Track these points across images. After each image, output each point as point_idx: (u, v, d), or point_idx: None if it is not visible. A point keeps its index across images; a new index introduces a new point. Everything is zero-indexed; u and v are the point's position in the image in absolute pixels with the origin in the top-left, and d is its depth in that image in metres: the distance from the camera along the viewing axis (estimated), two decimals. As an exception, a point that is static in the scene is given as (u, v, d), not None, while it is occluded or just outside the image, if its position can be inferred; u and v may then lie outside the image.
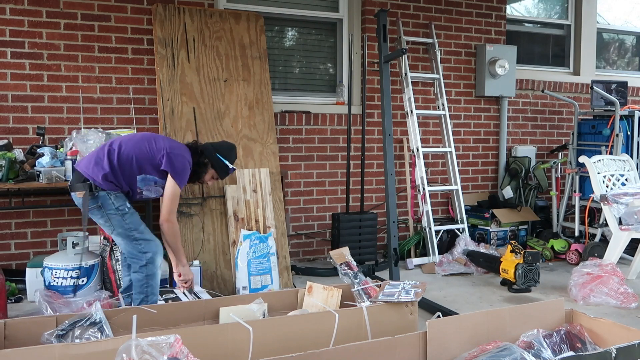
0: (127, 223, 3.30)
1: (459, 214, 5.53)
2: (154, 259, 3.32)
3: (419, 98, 5.64)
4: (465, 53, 5.89)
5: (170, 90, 4.46)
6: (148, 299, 3.29)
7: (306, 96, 5.45)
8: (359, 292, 3.05)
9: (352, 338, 2.61)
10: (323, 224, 5.40)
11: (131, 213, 3.33)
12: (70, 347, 2.23)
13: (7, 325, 2.57)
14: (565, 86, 6.40)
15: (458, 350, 2.48)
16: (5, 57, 4.32)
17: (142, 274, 3.30)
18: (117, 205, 3.28)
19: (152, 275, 3.31)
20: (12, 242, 4.41)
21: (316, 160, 5.35)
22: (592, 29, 6.64)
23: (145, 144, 3.36)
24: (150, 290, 3.31)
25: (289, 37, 5.52)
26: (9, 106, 4.35)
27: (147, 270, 3.30)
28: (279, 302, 3.17)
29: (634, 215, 4.58)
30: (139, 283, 3.30)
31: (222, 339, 2.47)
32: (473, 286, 4.53)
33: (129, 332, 2.43)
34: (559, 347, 2.57)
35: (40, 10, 4.39)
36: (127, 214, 3.31)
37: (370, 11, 5.36)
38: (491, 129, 6.07)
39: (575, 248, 5.22)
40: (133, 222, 3.32)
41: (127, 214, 3.31)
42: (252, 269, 4.13)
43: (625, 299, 3.96)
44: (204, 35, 4.65)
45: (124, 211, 3.29)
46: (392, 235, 4.20)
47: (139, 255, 3.30)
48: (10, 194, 4.17)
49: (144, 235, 3.33)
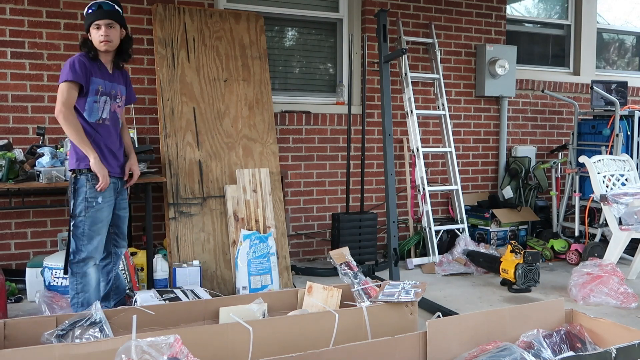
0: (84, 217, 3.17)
1: (459, 214, 5.53)
2: (86, 261, 3.19)
3: (419, 98, 5.64)
4: (465, 53, 5.89)
5: (170, 90, 4.45)
6: (79, 296, 3.19)
7: (306, 96, 5.45)
8: (359, 292, 3.05)
9: (352, 338, 2.61)
10: (323, 224, 5.41)
11: (97, 209, 3.19)
12: (70, 347, 2.24)
13: (7, 325, 2.58)
14: (565, 86, 6.40)
15: (458, 350, 2.49)
16: (5, 57, 4.32)
17: (74, 272, 3.21)
18: (88, 195, 3.17)
19: (84, 274, 3.20)
20: (12, 242, 4.41)
21: (316, 160, 5.35)
22: (592, 29, 6.64)
23: None
24: (80, 287, 3.20)
25: (289, 37, 5.52)
26: (9, 106, 4.35)
27: (76, 268, 3.18)
28: (279, 302, 3.17)
29: (634, 215, 4.58)
30: (71, 281, 3.21)
31: (222, 339, 2.47)
32: (473, 286, 4.53)
33: (129, 332, 2.43)
34: (559, 347, 2.57)
35: (40, 10, 4.39)
36: (91, 209, 3.18)
37: (370, 11, 5.36)
38: (491, 129, 6.07)
39: (575, 248, 5.22)
40: (91, 216, 3.17)
41: (90, 208, 3.18)
42: (252, 269, 4.13)
43: (625, 299, 3.96)
44: (204, 35, 4.65)
45: (89, 204, 3.18)
46: (392, 235, 4.20)
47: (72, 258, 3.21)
48: (10, 194, 4.17)
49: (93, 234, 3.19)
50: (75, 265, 3.20)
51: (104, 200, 3.23)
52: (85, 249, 3.20)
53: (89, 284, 3.23)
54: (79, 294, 3.21)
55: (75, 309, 3.20)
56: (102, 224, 3.24)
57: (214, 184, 4.42)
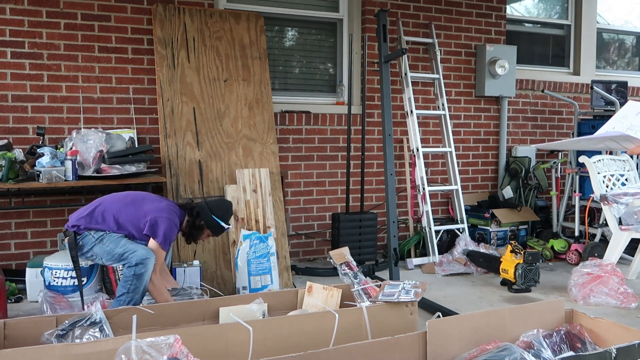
0: (106, 245, 3.32)
1: (459, 214, 5.53)
2: (145, 262, 3.25)
3: (419, 98, 5.64)
4: (465, 53, 5.89)
5: (170, 90, 4.45)
6: (129, 295, 3.25)
7: (306, 96, 5.45)
8: (359, 292, 3.05)
9: (352, 338, 2.61)
10: (323, 224, 5.40)
11: (109, 235, 3.34)
12: (70, 347, 2.23)
13: (7, 325, 2.58)
14: (565, 86, 6.40)
15: (458, 350, 2.48)
16: (5, 57, 4.32)
17: (130, 271, 3.26)
18: (96, 237, 3.34)
19: (139, 276, 3.25)
20: (12, 242, 4.41)
21: (316, 160, 5.35)
22: (592, 29, 6.64)
23: (131, 209, 3.38)
24: (133, 288, 3.25)
25: (289, 37, 5.52)
26: (9, 106, 4.35)
27: (135, 270, 3.24)
28: (279, 302, 3.16)
29: (634, 215, 4.58)
30: (125, 278, 3.27)
31: (222, 339, 2.47)
32: (473, 286, 4.53)
33: (129, 332, 2.43)
34: (559, 347, 2.57)
35: (40, 10, 4.39)
36: (105, 237, 3.33)
37: (370, 11, 5.36)
38: (491, 129, 6.07)
39: (575, 248, 5.22)
40: (111, 241, 3.32)
41: (105, 237, 3.33)
42: (252, 269, 4.13)
43: (625, 299, 3.96)
44: (204, 35, 4.65)
45: (102, 237, 3.33)
46: (392, 235, 4.20)
47: (129, 263, 3.28)
48: (10, 194, 4.17)
49: (126, 247, 3.30)
50: (133, 267, 3.25)
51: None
52: (135, 255, 3.27)
53: (142, 288, 3.29)
54: (129, 294, 3.26)
55: (117, 304, 3.26)
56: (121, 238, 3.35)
57: (214, 184, 4.42)
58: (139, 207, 3.40)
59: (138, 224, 3.35)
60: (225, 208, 3.62)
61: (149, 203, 3.43)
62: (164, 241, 3.33)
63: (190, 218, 3.49)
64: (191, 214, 3.50)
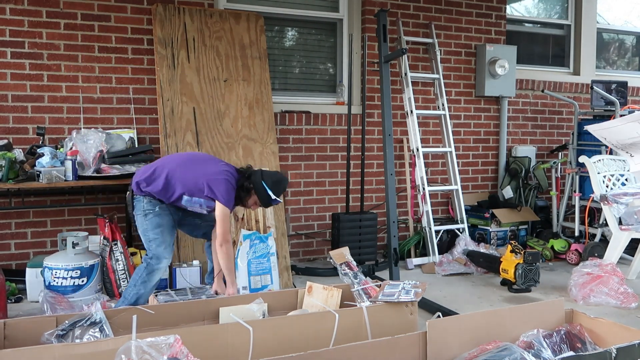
0: (146, 223, 3.41)
1: (459, 214, 5.53)
2: (161, 259, 3.38)
3: (419, 98, 5.64)
4: (465, 53, 5.89)
5: (170, 90, 4.45)
6: (136, 289, 3.35)
7: (306, 96, 5.45)
8: (359, 292, 3.05)
9: (352, 338, 2.61)
10: (323, 224, 5.40)
11: (155, 214, 3.41)
12: (70, 347, 2.23)
13: (7, 325, 2.57)
14: (565, 86, 6.40)
15: (458, 350, 2.48)
16: (5, 57, 4.32)
17: (145, 261, 3.39)
18: (145, 208, 3.41)
19: (151, 270, 3.36)
20: (12, 242, 4.41)
21: (316, 160, 5.35)
22: (592, 29, 6.63)
23: (189, 171, 3.42)
24: (141, 281, 3.35)
25: (289, 37, 5.52)
26: (9, 106, 4.35)
27: (149, 262, 3.37)
28: (279, 302, 3.17)
29: (634, 215, 4.58)
30: (138, 270, 3.40)
31: (222, 339, 2.47)
32: (473, 286, 4.53)
33: (129, 332, 2.43)
34: (559, 347, 2.57)
35: (40, 10, 4.39)
36: (150, 214, 3.41)
37: (370, 11, 5.36)
38: (491, 129, 6.07)
39: (575, 248, 5.22)
40: (152, 222, 3.40)
41: (150, 213, 3.40)
42: (252, 269, 4.12)
43: (625, 299, 3.96)
44: (204, 35, 4.65)
45: (148, 211, 3.40)
46: (392, 235, 4.20)
47: (149, 251, 3.41)
48: (10, 194, 4.17)
49: (157, 237, 3.39)
50: (149, 259, 3.38)
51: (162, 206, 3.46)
52: (157, 250, 3.39)
53: (151, 284, 3.39)
54: (136, 287, 3.34)
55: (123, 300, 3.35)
56: (159, 225, 3.43)
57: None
58: (196, 169, 3.45)
59: (198, 185, 3.39)
60: (277, 180, 3.58)
61: (205, 165, 3.48)
62: (226, 201, 3.35)
63: (242, 179, 3.51)
64: (243, 176, 3.52)
